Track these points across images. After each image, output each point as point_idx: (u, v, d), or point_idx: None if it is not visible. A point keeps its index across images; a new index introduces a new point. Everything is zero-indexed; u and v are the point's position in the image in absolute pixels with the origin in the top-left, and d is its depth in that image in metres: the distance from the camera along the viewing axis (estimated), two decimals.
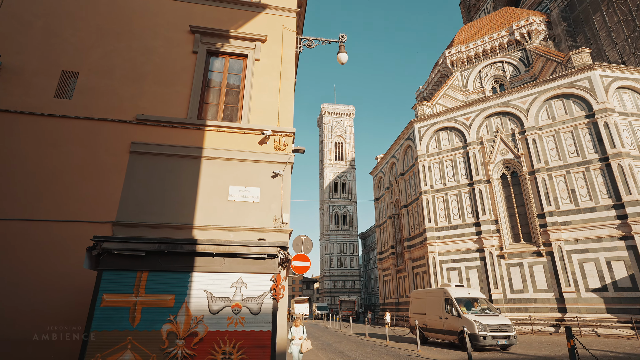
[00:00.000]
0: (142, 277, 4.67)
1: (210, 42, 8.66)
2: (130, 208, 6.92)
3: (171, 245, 4.80)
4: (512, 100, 24.00)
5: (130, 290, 4.58)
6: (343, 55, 9.57)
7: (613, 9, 26.97)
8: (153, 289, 4.66)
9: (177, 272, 4.80)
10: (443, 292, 16.21)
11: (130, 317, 4.45)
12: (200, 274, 4.86)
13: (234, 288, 4.85)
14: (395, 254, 32.73)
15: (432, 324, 16.57)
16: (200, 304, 4.69)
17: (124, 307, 4.49)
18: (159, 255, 4.77)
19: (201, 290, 4.76)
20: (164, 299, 4.64)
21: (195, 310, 4.66)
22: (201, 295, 4.73)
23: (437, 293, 16.88)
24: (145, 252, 4.70)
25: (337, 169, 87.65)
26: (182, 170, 7.45)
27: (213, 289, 4.78)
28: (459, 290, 16.25)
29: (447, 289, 16.25)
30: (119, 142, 7.36)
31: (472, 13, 48.53)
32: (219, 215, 7.20)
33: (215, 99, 8.48)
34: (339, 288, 79.66)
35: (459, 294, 15.69)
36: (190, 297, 4.70)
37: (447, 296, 15.72)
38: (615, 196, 19.29)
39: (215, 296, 4.76)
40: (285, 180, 7.78)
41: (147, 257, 4.75)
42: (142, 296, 4.58)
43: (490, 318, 14.13)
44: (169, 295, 4.66)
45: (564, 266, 19.89)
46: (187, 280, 4.78)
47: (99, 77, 7.76)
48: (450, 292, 15.75)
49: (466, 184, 24.82)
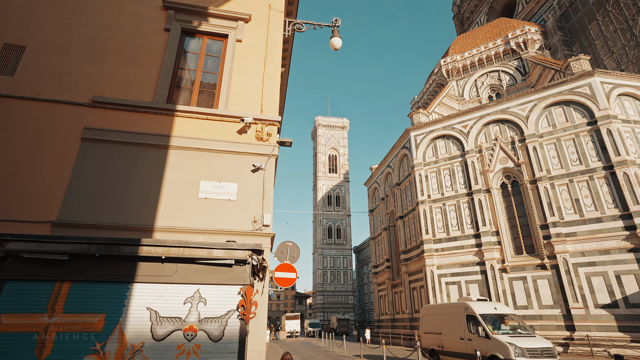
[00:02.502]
0: (62, 290, 3.44)
1: (185, 20, 7.58)
2: (77, 205, 5.67)
3: (104, 247, 3.58)
4: (510, 107, 23.26)
5: (41, 309, 3.34)
6: (337, 40, 8.54)
7: (609, 18, 26.71)
8: (76, 306, 3.41)
9: (111, 283, 3.57)
10: (464, 308, 13.52)
11: (38, 348, 3.19)
12: (144, 285, 3.63)
13: (189, 305, 3.63)
14: (391, 268, 31.36)
15: (451, 346, 13.75)
16: (140, 327, 3.45)
17: (30, 332, 3.24)
18: (87, 260, 3.54)
19: (143, 308, 3.53)
20: (90, 320, 3.39)
21: (133, 335, 3.41)
22: (142, 315, 3.50)
23: (455, 308, 14.18)
24: (69, 255, 3.47)
25: (331, 181, 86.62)
26: (145, 161, 6.25)
27: (160, 306, 3.55)
28: (483, 305, 13.56)
29: (469, 303, 13.56)
30: (69, 127, 6.16)
31: (465, 26, 48.62)
32: (186, 215, 5.98)
33: (189, 83, 7.35)
34: (332, 304, 77.52)
35: (485, 310, 13.06)
36: (127, 317, 3.46)
37: (470, 312, 13.05)
38: (622, 206, 18.34)
39: (162, 316, 3.53)
40: (267, 175, 6.60)
41: (71, 262, 3.53)
42: (58, 317, 3.33)
43: (527, 340, 11.54)
44: (97, 314, 3.42)
45: (571, 280, 18.75)
46: (125, 294, 3.55)
47: (50, 53, 6.60)
48: (474, 307, 13.09)
49: (465, 193, 23.80)
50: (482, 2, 43.90)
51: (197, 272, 3.78)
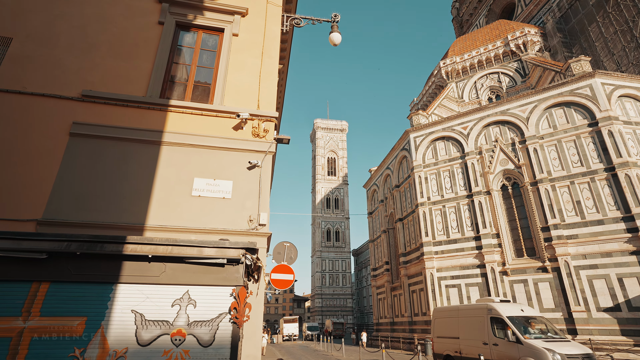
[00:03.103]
0: (39, 292, 3.18)
1: (180, 13, 7.36)
2: (64, 203, 5.40)
3: (86, 244, 3.32)
4: (511, 108, 23.10)
5: (16, 312, 3.08)
6: (336, 35, 8.32)
7: (609, 19, 26.65)
8: (54, 309, 3.15)
9: (93, 284, 3.31)
10: (487, 309, 12.37)
11: (10, 354, 2.93)
12: (129, 286, 3.37)
13: (177, 307, 3.37)
14: (390, 271, 31.07)
15: (471, 352, 12.45)
16: (124, 331, 3.19)
17: (2, 338, 2.96)
18: (68, 259, 3.28)
19: (127, 311, 3.27)
20: (69, 323, 3.13)
21: (116, 340, 3.15)
22: (127, 318, 3.24)
23: (476, 310, 13.05)
24: (47, 253, 3.21)
25: (330, 184, 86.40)
26: (137, 157, 6.00)
27: (145, 309, 3.29)
28: (508, 306, 12.48)
29: (493, 304, 12.42)
30: (57, 121, 5.91)
31: (464, 28, 48.61)
32: (179, 213, 5.72)
33: (183, 77, 7.12)
34: (331, 307, 77.09)
35: (512, 311, 11.93)
36: (109, 320, 3.20)
37: (495, 314, 11.91)
38: (624, 208, 18.15)
39: (148, 319, 3.27)
40: (264, 172, 6.35)
41: (50, 261, 3.27)
42: (34, 320, 3.07)
43: (564, 345, 10.29)
44: (77, 318, 3.16)
45: (572, 283, 18.51)
46: (108, 296, 3.29)
47: (38, 45, 6.36)
48: (500, 309, 11.98)
49: (465, 195, 23.58)
50: (481, 4, 43.91)
51: (187, 272, 3.53)
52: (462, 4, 48.57)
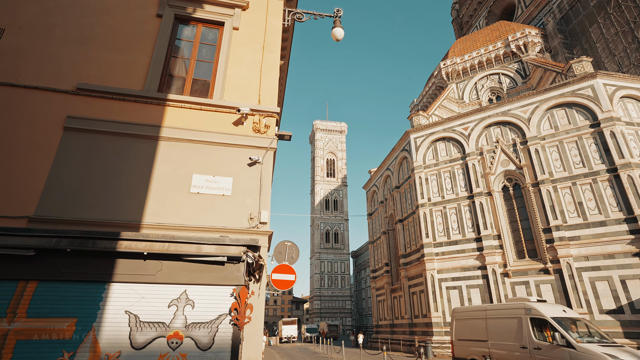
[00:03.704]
0: (26, 291, 2.97)
1: (179, 6, 7.16)
2: (57, 200, 5.18)
3: (77, 241, 3.12)
4: (512, 109, 22.96)
5: (0, 313, 2.85)
6: (338, 30, 8.14)
7: (610, 20, 26.57)
8: (42, 309, 2.94)
9: (85, 283, 3.10)
10: (525, 309, 11.23)
11: None
12: (123, 285, 3.16)
13: (174, 308, 3.16)
14: (390, 272, 30.84)
15: (504, 357, 11.35)
16: (117, 334, 2.98)
17: None
18: (57, 257, 3.07)
19: (121, 312, 3.06)
20: (58, 325, 2.91)
21: (109, 343, 2.94)
22: (120, 320, 3.02)
23: (511, 310, 11.92)
24: (35, 250, 2.99)
25: (329, 185, 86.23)
26: (133, 153, 5.79)
27: (140, 310, 3.08)
28: (550, 306, 11.29)
29: (533, 304, 11.25)
30: (50, 115, 5.70)
31: (464, 30, 48.58)
32: (177, 211, 5.51)
33: (182, 72, 6.92)
34: (330, 308, 76.78)
35: (555, 312, 10.77)
36: (101, 322, 2.99)
37: (536, 315, 10.75)
38: (627, 209, 17.99)
39: (143, 321, 3.05)
40: (265, 169, 6.15)
41: (39, 259, 3.06)
42: (20, 322, 2.85)
43: (622, 351, 9.17)
44: (66, 319, 2.95)
45: (574, 285, 18.32)
46: (100, 296, 3.07)
47: (32, 37, 6.15)
48: (541, 309, 10.81)
49: (466, 196, 23.40)
50: (481, 6, 43.88)
51: (185, 270, 3.32)
52: (462, 5, 48.55)
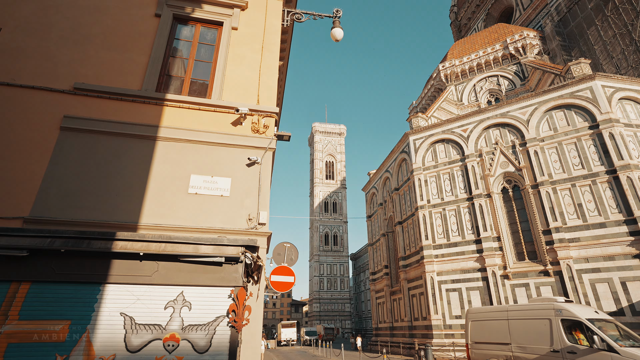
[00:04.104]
0: (19, 293, 2.89)
1: (178, 6, 7.12)
2: (52, 200, 5.11)
3: (72, 241, 3.05)
4: (511, 111, 22.96)
5: None
6: (338, 30, 8.11)
7: (607, 23, 26.66)
8: (34, 311, 2.86)
9: (79, 284, 3.03)
10: (555, 310, 10.40)
11: None
12: (118, 287, 3.09)
13: (170, 310, 3.09)
14: (390, 275, 30.74)
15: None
16: (111, 336, 2.90)
17: None
18: (51, 257, 3.00)
19: (116, 314, 2.98)
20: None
21: (103, 346, 2.86)
22: (115, 322, 2.95)
23: (538, 311, 11.07)
24: (28, 250, 2.92)
25: (328, 188, 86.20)
26: (131, 153, 5.72)
27: (136, 312, 3.00)
28: (582, 307, 10.67)
29: (563, 304, 10.50)
30: (47, 115, 5.63)
31: (462, 32, 48.72)
32: (174, 212, 5.43)
33: (180, 72, 6.86)
34: (329, 311, 76.54)
35: (589, 313, 10.07)
36: (96, 324, 2.91)
37: (569, 316, 9.97)
38: (626, 211, 17.96)
39: (139, 323, 2.98)
40: (264, 169, 6.09)
41: (32, 259, 2.99)
42: (12, 324, 2.77)
43: None
44: (60, 321, 2.87)
45: (575, 287, 18.26)
46: (95, 297, 3.00)
47: (29, 36, 6.10)
48: (574, 310, 10.05)
49: (465, 198, 23.35)
50: (480, 8, 44.03)
51: (182, 271, 3.25)
52: (460, 8, 48.72)
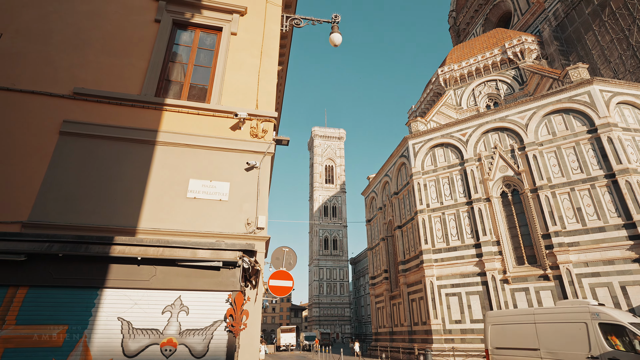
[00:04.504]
0: (16, 298, 2.89)
1: (177, 12, 7.17)
2: (51, 204, 5.11)
3: (70, 245, 3.05)
4: (509, 115, 23.05)
5: None
6: (336, 35, 8.16)
7: (605, 28, 26.84)
8: (32, 316, 2.86)
9: (77, 289, 3.03)
10: (592, 313, 9.76)
11: None
12: (116, 291, 3.09)
13: (168, 314, 3.09)
14: (389, 279, 30.67)
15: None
16: (109, 341, 2.90)
17: None
18: (49, 262, 3.01)
19: (113, 318, 2.98)
20: (48, 332, 2.84)
21: (100, 350, 2.86)
22: (112, 326, 2.95)
23: (572, 314, 10.32)
24: (26, 255, 2.93)
25: (328, 192, 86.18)
26: (130, 157, 5.74)
27: (133, 316, 3.00)
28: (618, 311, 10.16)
29: (601, 308, 9.99)
30: (46, 119, 5.65)
31: (461, 37, 49.00)
32: (173, 216, 5.44)
33: (179, 76, 6.90)
34: (328, 316, 76.20)
35: (628, 317, 9.54)
36: (93, 329, 2.91)
37: (608, 319, 9.37)
38: (625, 215, 17.97)
39: (136, 327, 2.98)
40: (262, 174, 6.10)
41: (30, 264, 3.00)
42: (9, 329, 2.77)
43: None
44: (57, 326, 2.87)
45: (574, 291, 18.23)
46: (92, 302, 3.00)
47: (29, 41, 6.13)
48: (614, 314, 9.51)
49: (464, 202, 23.36)
50: (478, 13, 44.32)
51: (179, 276, 3.25)
52: (459, 13, 49.04)
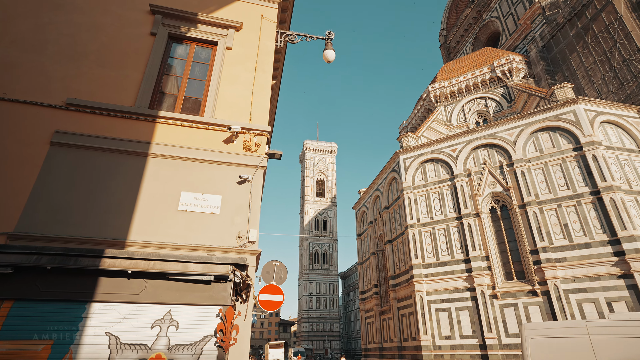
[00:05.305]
0: (0, 311, 2.81)
1: (173, 25, 7.26)
2: (40, 216, 5.04)
3: (59, 258, 3.01)
4: (498, 132, 23.52)
5: None
6: (330, 52, 8.33)
7: (588, 50, 27.79)
8: (17, 331, 2.80)
9: (64, 303, 2.98)
10: None
11: None
12: (104, 305, 3.05)
13: (157, 329, 3.05)
14: (379, 294, 30.50)
15: None
16: (95, 356, 2.84)
17: None
18: (36, 275, 2.96)
19: (101, 333, 2.93)
20: (33, 348, 2.77)
21: None
22: (100, 341, 2.89)
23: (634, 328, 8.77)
24: (13, 268, 2.88)
25: (319, 205, 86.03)
26: (121, 169, 5.71)
27: (122, 331, 2.96)
28: None
29: None
30: (38, 129, 5.62)
31: (451, 55, 50.20)
32: (164, 229, 5.40)
33: (174, 89, 6.94)
34: (318, 331, 75.09)
35: None
36: (80, 344, 2.85)
37: None
38: (610, 231, 18.31)
39: (124, 342, 2.93)
40: (255, 187, 6.12)
41: (17, 277, 2.94)
42: None
43: None
44: (42, 342, 2.80)
45: (562, 307, 18.35)
46: (80, 316, 2.95)
47: (23, 52, 6.14)
48: None
49: (454, 217, 23.55)
50: (468, 32, 45.58)
51: (170, 290, 3.22)
52: (449, 32, 50.36)
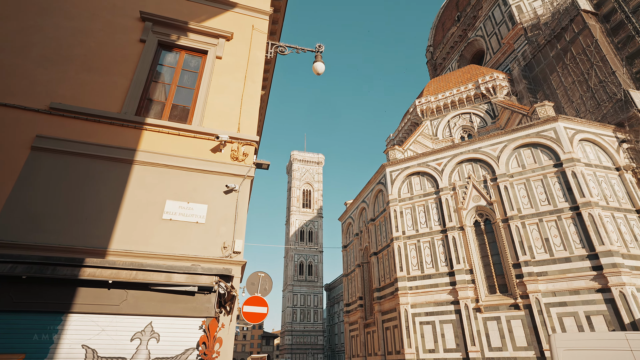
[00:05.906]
0: None
1: (163, 33, 7.24)
2: (16, 223, 4.86)
3: (36, 267, 2.90)
4: (483, 147, 24.04)
5: None
6: (319, 65, 8.43)
7: (567, 70, 28.87)
8: None
9: (39, 314, 2.85)
10: None
11: None
12: (82, 316, 2.93)
13: (137, 341, 2.94)
14: (364, 307, 30.33)
15: None
16: None
17: None
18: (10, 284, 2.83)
19: (77, 346, 2.81)
20: None
21: None
22: (75, 355, 2.77)
23: None
24: None
25: (305, 216, 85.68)
26: (105, 176, 5.59)
27: (99, 344, 2.84)
28: None
29: None
30: (18, 133, 5.47)
31: (438, 71, 51.42)
32: (147, 238, 5.27)
33: (162, 97, 6.88)
34: (301, 344, 73.93)
35: None
36: (54, 357, 2.72)
37: None
38: (589, 246, 18.77)
39: (102, 356, 2.81)
40: (241, 197, 6.06)
41: None
42: None
43: None
44: (12, 355, 2.67)
45: (543, 321, 18.59)
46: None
47: (7, 54, 6.01)
48: None
49: (439, 230, 23.78)
50: (454, 50, 46.85)
51: (152, 301, 3.13)
52: (435, 48, 51.67)
